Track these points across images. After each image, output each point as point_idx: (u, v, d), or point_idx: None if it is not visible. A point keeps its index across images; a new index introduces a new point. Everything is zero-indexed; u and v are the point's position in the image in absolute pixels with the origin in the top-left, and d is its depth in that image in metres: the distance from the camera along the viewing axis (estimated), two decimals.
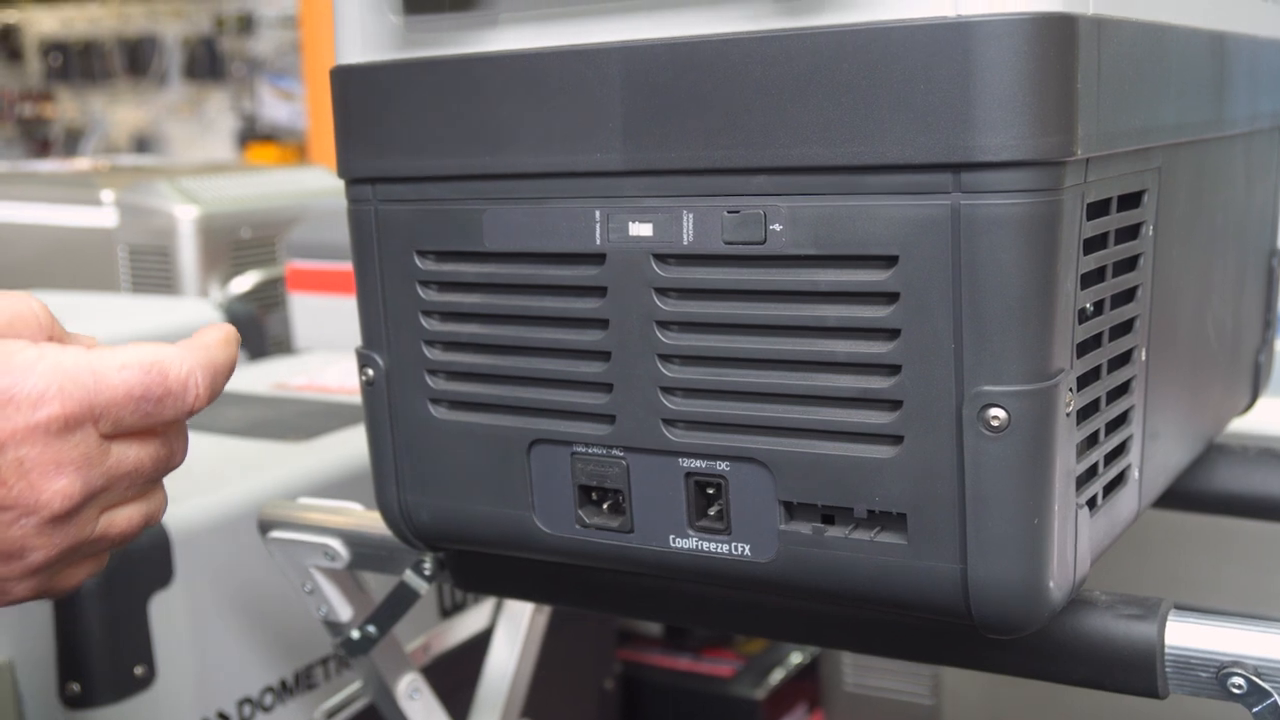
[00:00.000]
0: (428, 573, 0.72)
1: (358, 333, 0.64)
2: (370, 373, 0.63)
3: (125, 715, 0.83)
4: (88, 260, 2.08)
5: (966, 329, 0.49)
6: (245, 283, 2.00)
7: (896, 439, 0.51)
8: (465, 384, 0.61)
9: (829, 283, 0.52)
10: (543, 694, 1.02)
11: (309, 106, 4.45)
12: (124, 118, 6.41)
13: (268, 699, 0.94)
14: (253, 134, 6.00)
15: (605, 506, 0.60)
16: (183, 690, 0.87)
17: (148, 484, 0.51)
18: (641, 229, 0.55)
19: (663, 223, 0.54)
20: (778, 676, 1.43)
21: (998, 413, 0.49)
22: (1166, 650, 0.54)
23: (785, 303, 0.53)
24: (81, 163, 3.13)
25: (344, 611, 0.79)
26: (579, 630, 1.25)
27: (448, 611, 1.09)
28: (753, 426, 0.54)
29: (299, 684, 0.96)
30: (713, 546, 0.57)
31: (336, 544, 0.76)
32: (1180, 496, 0.77)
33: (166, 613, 0.86)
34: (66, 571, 0.50)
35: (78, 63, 6.33)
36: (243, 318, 1.59)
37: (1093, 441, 0.56)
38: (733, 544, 0.56)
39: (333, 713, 0.87)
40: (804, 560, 0.54)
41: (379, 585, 0.78)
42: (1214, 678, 0.53)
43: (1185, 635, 0.54)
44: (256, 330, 1.61)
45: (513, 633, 0.96)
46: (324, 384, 1.30)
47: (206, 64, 6.07)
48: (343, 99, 0.61)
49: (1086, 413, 0.55)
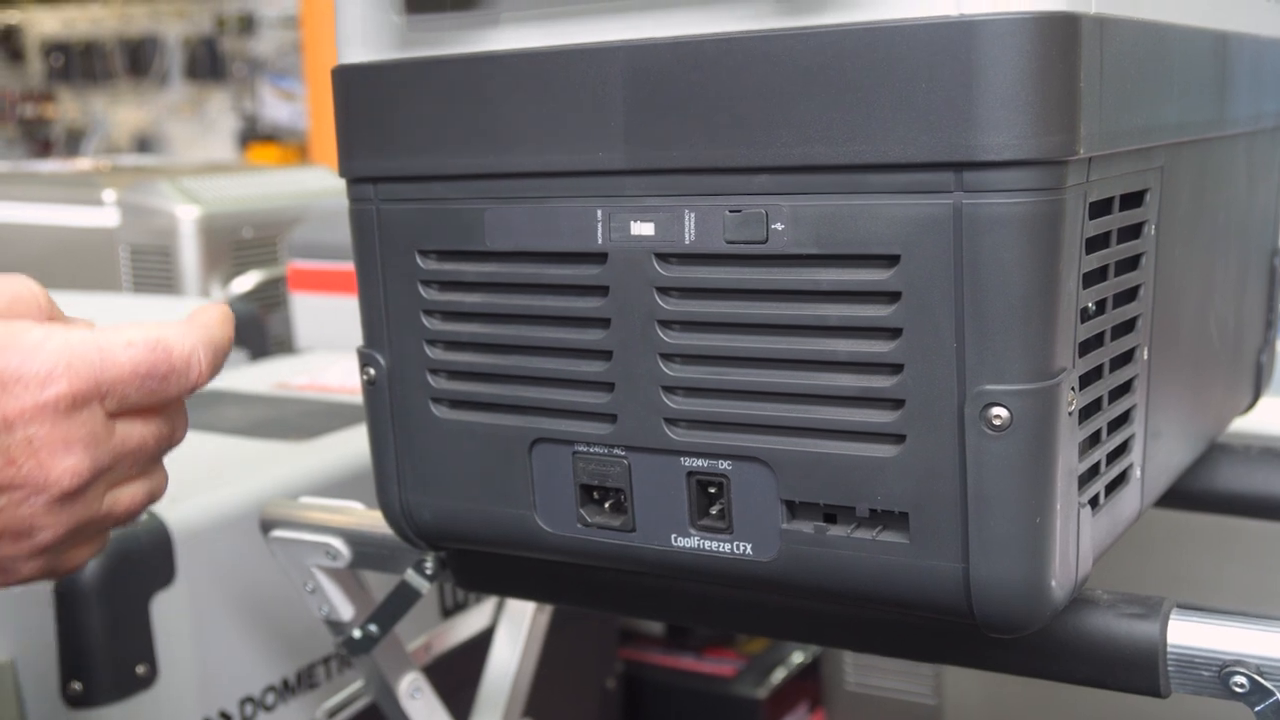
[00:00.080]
0: (429, 572, 0.72)
1: (359, 332, 0.64)
2: (372, 372, 0.63)
3: (127, 714, 0.83)
4: (89, 260, 2.08)
5: (968, 328, 0.49)
6: (247, 282, 2.00)
7: (898, 438, 0.51)
8: (467, 383, 0.61)
9: (831, 282, 0.52)
10: (544, 693, 1.02)
11: (310, 107, 4.45)
12: (125, 118, 6.41)
13: (269, 698, 0.94)
14: (254, 134, 6.00)
15: (607, 506, 0.60)
16: (185, 689, 0.87)
17: (150, 462, 0.51)
18: (643, 228, 0.55)
19: (664, 222, 0.54)
20: (779, 676, 1.43)
21: (1000, 412, 0.49)
22: (1169, 649, 0.54)
23: (787, 302, 0.53)
24: (83, 163, 3.13)
25: (346, 611, 0.79)
26: (580, 630, 1.25)
27: (449, 611, 1.09)
28: (754, 426, 0.54)
29: (301, 683, 0.96)
30: (714, 546, 0.57)
31: (338, 543, 0.76)
32: (1182, 496, 0.77)
33: (168, 612, 0.86)
34: (71, 551, 0.50)
35: (79, 63, 6.34)
36: (244, 317, 1.59)
37: (1095, 440, 0.56)
38: (734, 543, 0.56)
39: (334, 712, 0.87)
40: (806, 559, 0.54)
41: (380, 584, 0.78)
42: (1216, 677, 0.53)
43: (1187, 634, 0.54)
44: (258, 330, 1.61)
45: (514, 632, 0.96)
46: (325, 383, 1.30)
47: (208, 64, 6.08)
48: (344, 98, 0.61)
49: (1089, 412, 0.55)
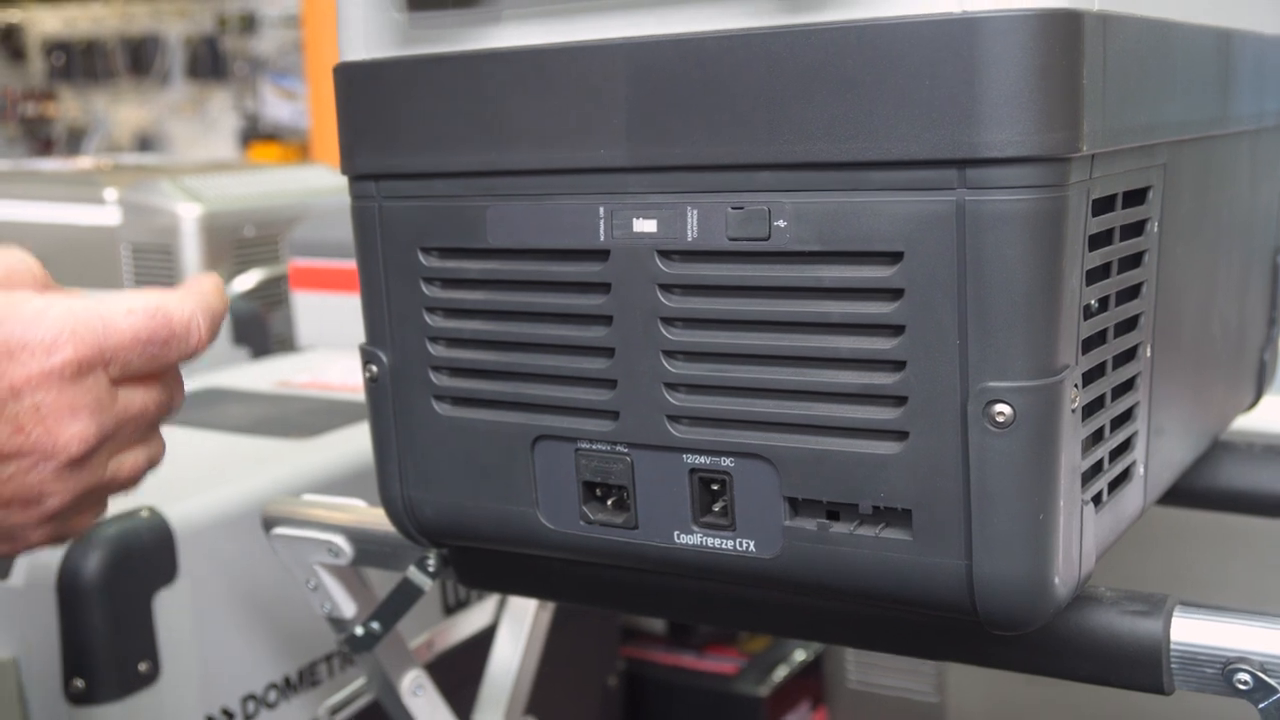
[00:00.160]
0: (431, 569, 0.72)
1: (360, 330, 0.64)
2: (374, 369, 0.63)
3: (129, 712, 0.83)
4: (91, 258, 2.08)
5: (971, 325, 0.49)
6: (248, 281, 2.00)
7: (901, 435, 0.51)
8: (469, 380, 0.61)
9: (833, 279, 0.52)
10: (546, 691, 1.02)
11: (311, 105, 4.45)
12: (126, 117, 6.41)
13: (271, 695, 0.94)
14: (255, 133, 6.00)
15: (609, 503, 0.60)
16: (187, 687, 0.87)
17: (150, 428, 0.52)
18: (646, 225, 0.55)
19: (667, 219, 0.54)
20: (781, 674, 1.43)
21: (1003, 409, 0.49)
22: (1172, 646, 0.54)
23: (790, 299, 0.53)
24: (84, 161, 3.13)
25: (348, 608, 0.79)
26: (582, 627, 1.25)
27: (451, 608, 1.09)
28: (757, 422, 0.54)
29: (303, 681, 0.96)
30: (717, 543, 0.57)
31: (340, 540, 0.76)
32: (1185, 493, 0.77)
33: (170, 609, 0.86)
34: (76, 518, 0.51)
35: (80, 62, 6.33)
36: (246, 316, 1.59)
37: (1098, 438, 0.56)
38: (737, 540, 0.56)
39: (336, 709, 0.87)
40: (808, 556, 0.54)
41: (382, 582, 0.78)
42: (1220, 674, 0.53)
43: (1191, 631, 0.54)
44: (259, 328, 1.61)
45: (516, 629, 0.96)
46: (327, 381, 1.30)
47: (209, 63, 6.07)
48: (346, 96, 0.61)
49: (1091, 409, 0.54)
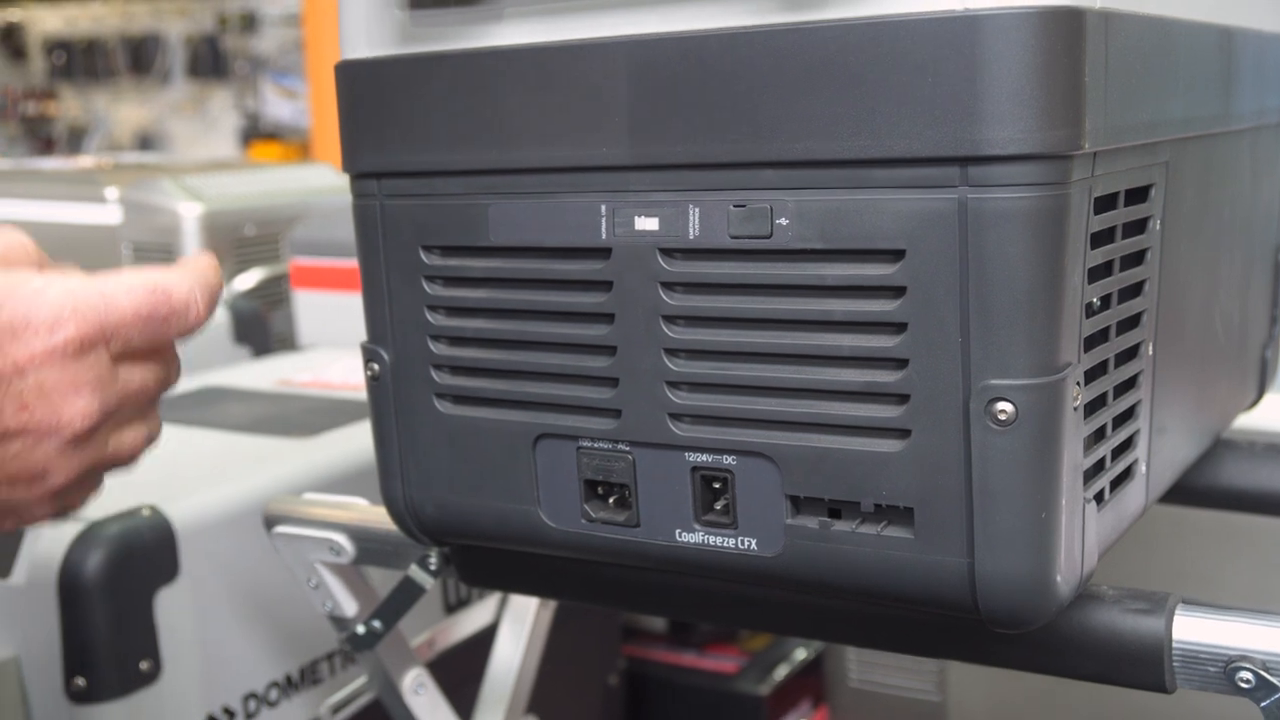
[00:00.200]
0: (433, 568, 0.72)
1: (361, 329, 0.64)
2: (375, 368, 0.63)
3: (131, 710, 0.83)
4: (92, 257, 2.08)
5: (974, 323, 0.49)
6: (249, 280, 2.00)
7: (904, 433, 0.51)
8: (471, 379, 0.61)
9: (836, 277, 0.52)
10: (547, 690, 1.02)
11: (312, 104, 4.45)
12: (127, 116, 6.41)
13: (273, 694, 0.94)
14: (256, 132, 5.99)
15: (611, 501, 0.60)
16: (188, 685, 0.87)
17: (149, 405, 0.53)
18: (647, 223, 0.55)
19: (669, 217, 0.54)
20: (782, 673, 1.43)
21: (1005, 406, 0.49)
22: (1174, 645, 0.54)
23: (792, 297, 0.53)
24: (85, 160, 3.13)
25: (349, 607, 0.79)
26: (583, 626, 1.25)
27: (452, 607, 1.09)
28: (759, 421, 0.54)
29: (304, 679, 0.96)
30: (719, 541, 0.57)
31: (342, 539, 0.76)
32: (1186, 492, 0.77)
33: (172, 608, 0.86)
34: (77, 493, 0.51)
35: (81, 61, 6.33)
36: (247, 314, 1.59)
37: (1100, 436, 0.56)
38: (739, 538, 0.56)
39: (338, 708, 0.87)
40: (810, 554, 0.54)
41: (384, 580, 0.78)
42: (1222, 672, 0.53)
43: (1193, 630, 0.54)
44: (260, 327, 1.61)
45: (517, 628, 0.96)
46: (328, 380, 1.30)
47: (209, 62, 6.07)
48: (348, 94, 0.61)
49: (1094, 407, 0.54)
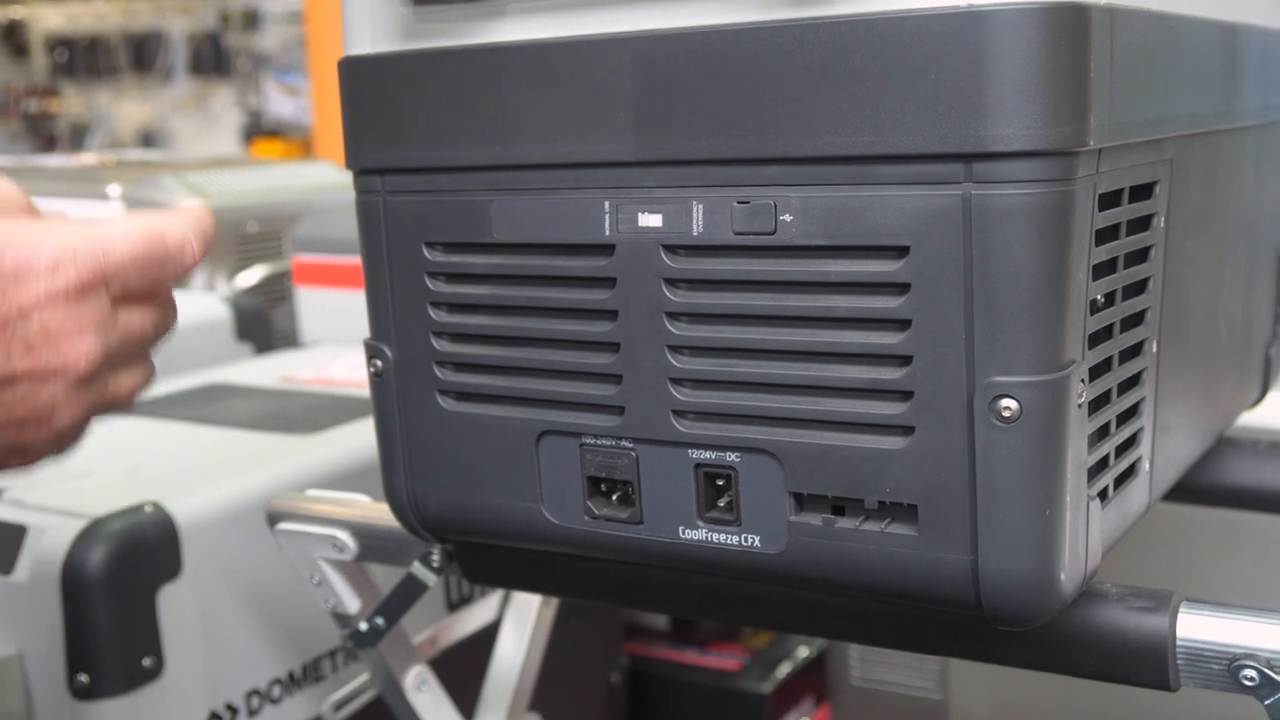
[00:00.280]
0: (436, 564, 0.72)
1: (364, 326, 0.64)
2: (379, 364, 0.63)
3: (133, 707, 0.83)
4: None
5: (978, 319, 0.49)
6: (252, 277, 2.00)
7: (907, 430, 0.51)
8: (474, 375, 0.61)
9: (840, 273, 0.51)
10: (549, 687, 1.02)
11: (314, 102, 4.45)
12: (129, 113, 6.41)
13: (275, 691, 0.94)
14: (258, 129, 5.99)
15: (614, 498, 0.60)
16: (191, 682, 0.87)
17: (145, 348, 0.54)
18: (651, 220, 0.55)
19: (672, 213, 0.54)
20: (784, 670, 1.43)
21: (1009, 403, 0.49)
22: (1178, 643, 0.54)
23: (795, 293, 0.53)
24: (87, 158, 3.13)
25: (352, 603, 0.79)
26: (585, 624, 1.25)
27: (454, 604, 1.09)
28: (763, 418, 0.54)
29: (307, 676, 0.96)
30: (722, 538, 0.57)
31: (344, 536, 0.76)
32: (1190, 490, 0.77)
33: (175, 605, 0.86)
34: (77, 434, 0.52)
35: (83, 58, 6.33)
36: (249, 311, 1.59)
37: (1104, 433, 0.56)
38: (742, 535, 0.56)
39: (340, 705, 0.87)
40: (814, 552, 0.54)
41: (386, 578, 0.78)
42: (1226, 670, 0.53)
43: (1197, 627, 0.54)
44: (263, 324, 1.61)
45: (520, 626, 0.96)
46: (331, 377, 1.30)
47: (212, 59, 6.07)
48: (351, 90, 0.61)
49: (1098, 404, 0.54)
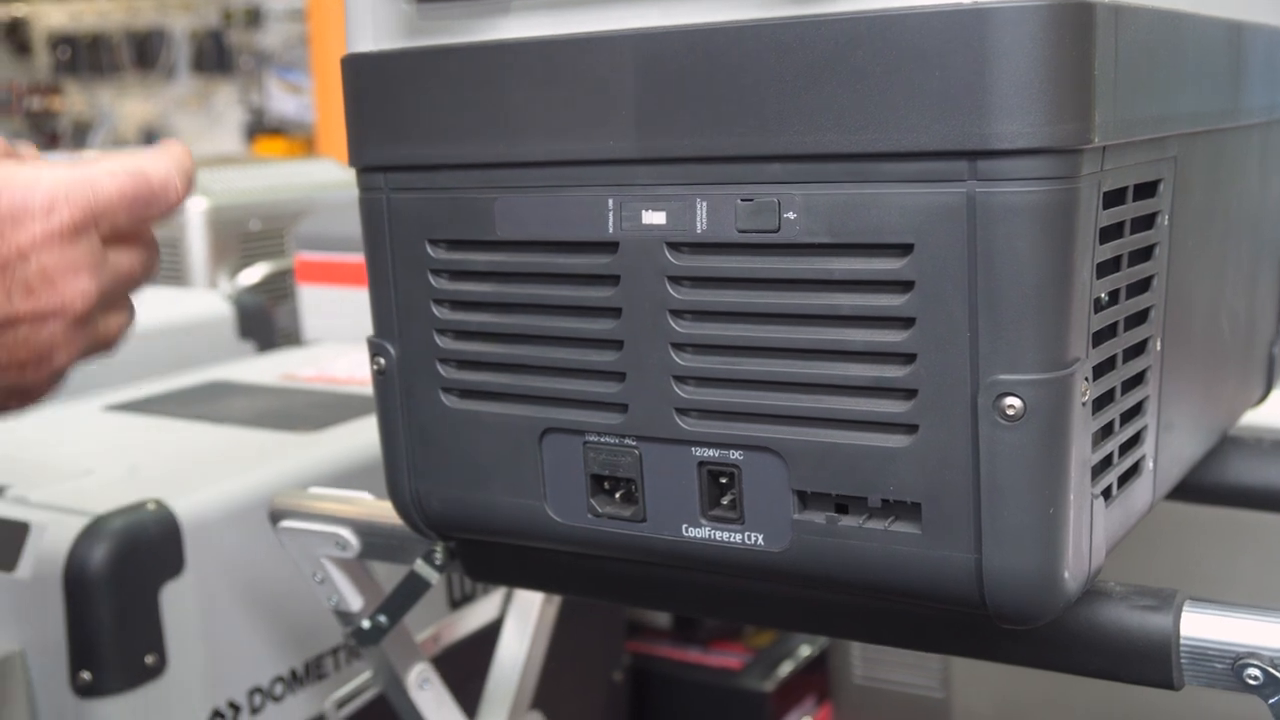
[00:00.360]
0: (438, 562, 0.72)
1: (366, 324, 0.64)
2: (382, 361, 0.63)
3: (136, 704, 0.83)
4: None
5: (982, 317, 0.49)
6: (254, 274, 2.00)
7: (911, 428, 0.51)
8: (477, 373, 0.61)
9: (843, 271, 0.51)
10: (551, 686, 1.02)
11: (317, 99, 4.45)
12: (132, 111, 6.42)
13: (278, 688, 0.94)
14: (260, 127, 6.00)
15: (617, 496, 0.59)
16: (193, 679, 0.87)
17: (132, 289, 0.55)
18: (654, 217, 0.55)
19: (676, 211, 0.54)
20: (786, 669, 1.43)
21: (1013, 401, 0.49)
22: (1182, 641, 0.54)
23: (799, 291, 0.53)
24: (90, 155, 3.12)
25: (354, 601, 0.79)
26: (588, 622, 1.25)
27: (457, 602, 1.09)
28: (766, 415, 0.54)
29: (309, 674, 0.96)
30: (726, 536, 0.56)
31: (347, 533, 0.76)
32: (1193, 489, 0.77)
33: (177, 602, 0.86)
34: (65, 375, 0.53)
35: (86, 56, 6.34)
36: (252, 309, 1.59)
37: (1108, 431, 0.56)
38: (746, 533, 0.56)
39: (343, 702, 0.87)
40: (817, 550, 0.54)
41: (389, 575, 0.78)
42: (1230, 669, 0.52)
43: (1201, 626, 0.53)
44: (265, 322, 1.61)
45: (522, 624, 0.96)
46: (333, 375, 1.30)
47: (214, 57, 6.07)
48: (354, 87, 0.61)
49: (1101, 403, 0.54)
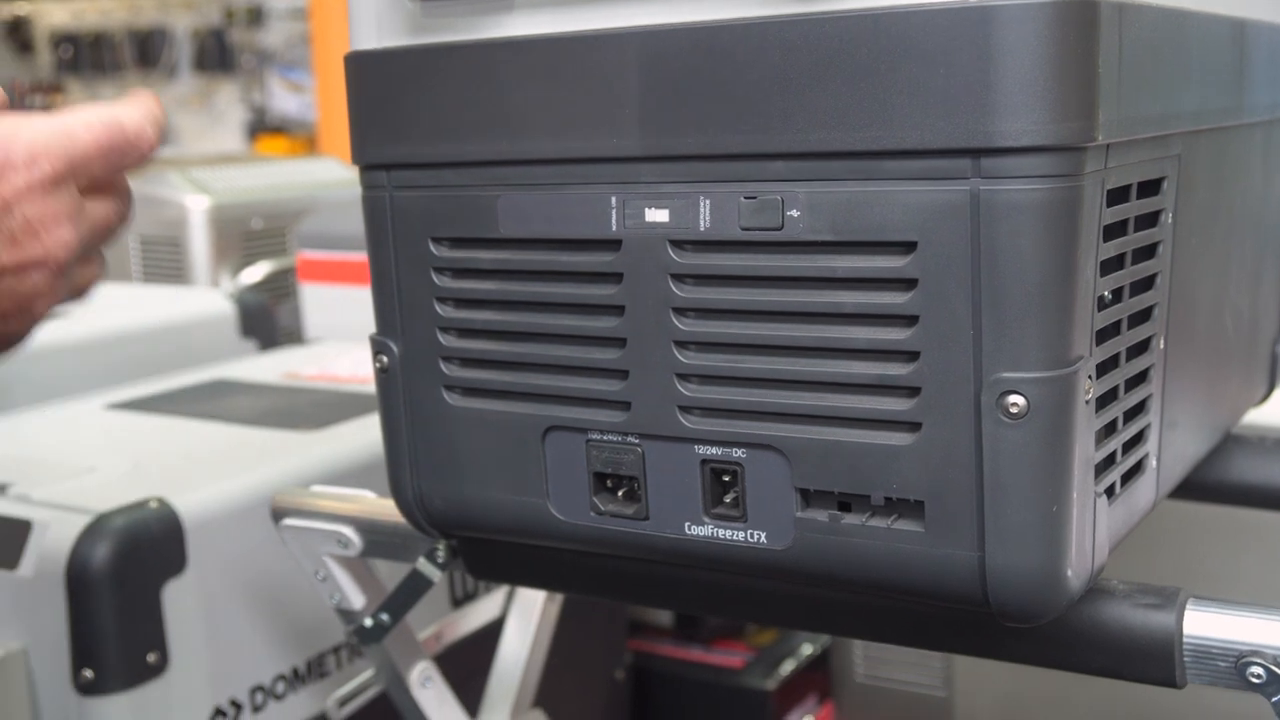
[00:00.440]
0: (441, 560, 0.72)
1: (368, 323, 0.64)
2: (385, 359, 0.63)
3: (138, 702, 0.83)
4: None
5: (985, 315, 0.49)
6: (256, 273, 2.00)
7: (914, 426, 0.51)
8: (480, 370, 0.61)
9: (847, 269, 0.51)
10: (553, 684, 1.02)
11: (318, 98, 4.45)
12: None
13: (280, 687, 0.94)
14: (262, 126, 6.00)
15: (620, 494, 0.59)
16: (195, 677, 0.87)
17: (106, 240, 0.55)
18: (658, 215, 0.55)
19: (679, 208, 0.54)
20: (788, 667, 1.43)
21: (1017, 399, 0.49)
22: (1185, 639, 0.54)
23: (802, 289, 0.52)
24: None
25: (357, 599, 0.79)
26: (590, 621, 1.25)
27: (459, 601, 1.09)
28: (769, 413, 0.54)
29: (311, 672, 0.96)
30: (728, 534, 0.56)
31: (349, 531, 0.76)
32: (1196, 487, 0.77)
33: (179, 600, 0.86)
34: (40, 324, 0.53)
35: (88, 54, 6.34)
36: (254, 308, 1.59)
37: (1111, 429, 0.56)
38: (748, 531, 0.56)
39: (345, 701, 0.86)
40: (820, 548, 0.54)
41: (391, 573, 0.78)
42: (1233, 667, 0.52)
43: (1204, 624, 0.53)
44: (267, 320, 1.61)
45: (524, 622, 0.96)
46: (335, 374, 1.30)
47: (216, 56, 6.08)
48: (357, 85, 0.61)
49: (1105, 401, 0.54)
